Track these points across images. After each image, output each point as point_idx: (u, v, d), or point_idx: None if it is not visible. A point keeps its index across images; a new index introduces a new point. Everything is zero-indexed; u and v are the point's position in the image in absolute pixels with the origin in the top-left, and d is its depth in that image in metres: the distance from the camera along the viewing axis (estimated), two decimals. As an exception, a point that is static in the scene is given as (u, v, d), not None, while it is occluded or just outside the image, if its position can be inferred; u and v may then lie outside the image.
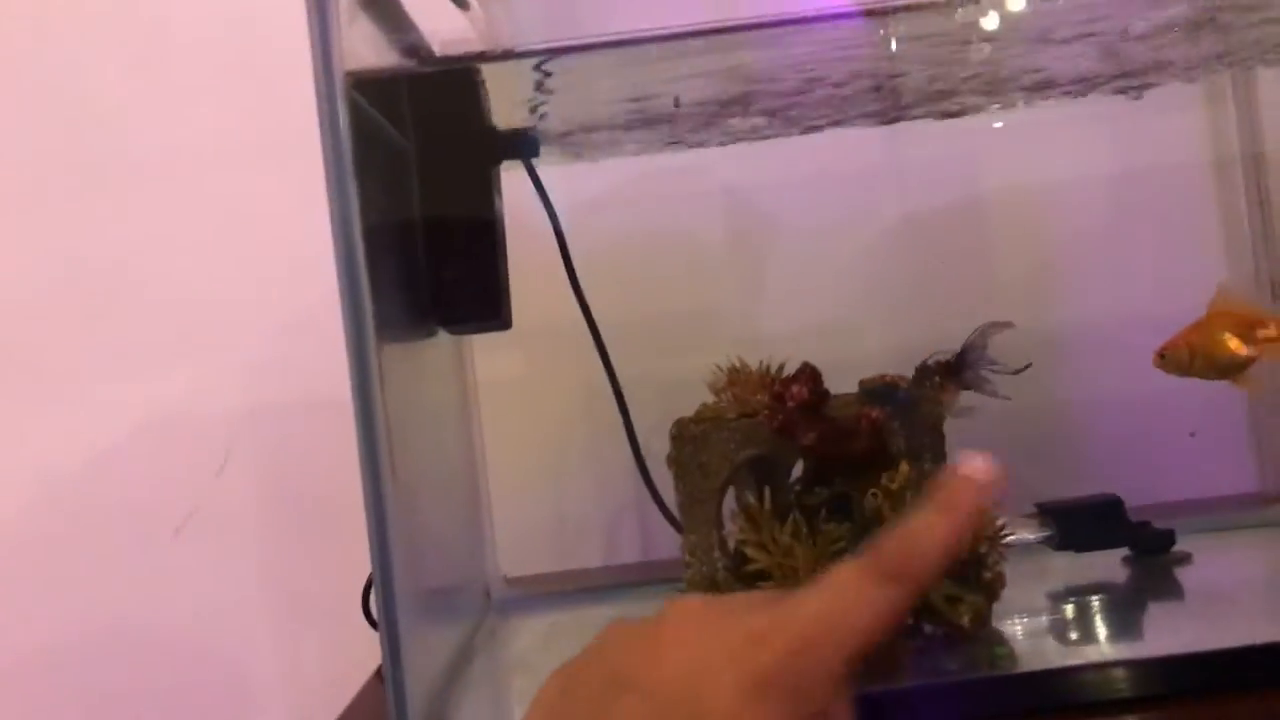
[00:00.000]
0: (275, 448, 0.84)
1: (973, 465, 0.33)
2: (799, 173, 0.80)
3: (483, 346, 0.72)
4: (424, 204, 0.58)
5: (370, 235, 0.47)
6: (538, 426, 0.77)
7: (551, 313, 0.66)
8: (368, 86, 0.49)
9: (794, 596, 0.32)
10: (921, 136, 0.77)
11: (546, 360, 0.77)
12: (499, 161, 0.62)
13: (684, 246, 0.81)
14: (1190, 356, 0.53)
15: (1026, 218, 0.81)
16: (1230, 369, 0.52)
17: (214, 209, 0.82)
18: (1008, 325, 0.50)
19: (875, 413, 0.49)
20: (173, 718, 0.80)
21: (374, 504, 0.43)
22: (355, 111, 0.46)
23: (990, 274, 0.82)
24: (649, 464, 0.67)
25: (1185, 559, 0.61)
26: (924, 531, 0.32)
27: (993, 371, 0.50)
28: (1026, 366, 0.49)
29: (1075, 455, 0.78)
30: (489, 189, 0.61)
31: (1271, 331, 0.52)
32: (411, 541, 0.48)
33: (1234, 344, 0.53)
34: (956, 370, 0.50)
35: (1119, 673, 0.46)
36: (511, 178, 0.64)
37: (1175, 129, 0.78)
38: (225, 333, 0.83)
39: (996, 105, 0.71)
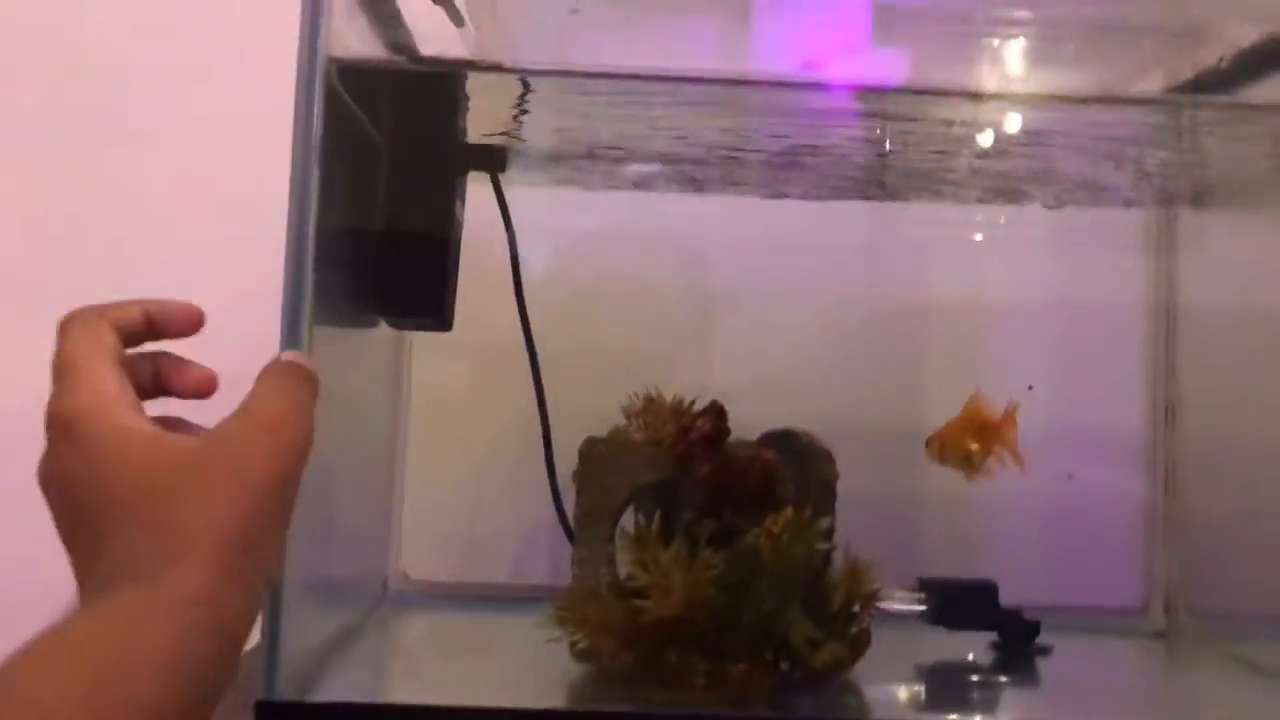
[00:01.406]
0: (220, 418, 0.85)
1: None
2: (762, 235, 0.83)
3: (424, 348, 0.74)
4: (387, 199, 0.61)
5: (328, 219, 0.50)
6: (466, 436, 0.78)
7: (502, 328, 0.69)
8: (351, 77, 0.52)
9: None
10: (891, 220, 0.82)
11: (486, 373, 0.79)
12: (466, 171, 0.65)
13: (642, 288, 0.84)
14: (941, 449, 0.61)
15: (966, 317, 0.85)
16: (968, 464, 0.60)
17: (193, 179, 0.84)
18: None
19: (768, 455, 0.52)
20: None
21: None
22: (334, 99, 0.49)
23: (922, 364, 0.86)
24: (564, 489, 0.69)
25: (1047, 650, 0.64)
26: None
27: None
28: None
29: (972, 545, 0.81)
30: (451, 194, 0.64)
31: (998, 437, 0.61)
32: (309, 517, 0.49)
33: (972, 444, 0.60)
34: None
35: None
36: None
37: (1116, 260, 0.82)
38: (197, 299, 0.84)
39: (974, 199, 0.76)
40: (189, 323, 0.43)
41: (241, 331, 0.50)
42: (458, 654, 0.62)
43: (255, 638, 0.50)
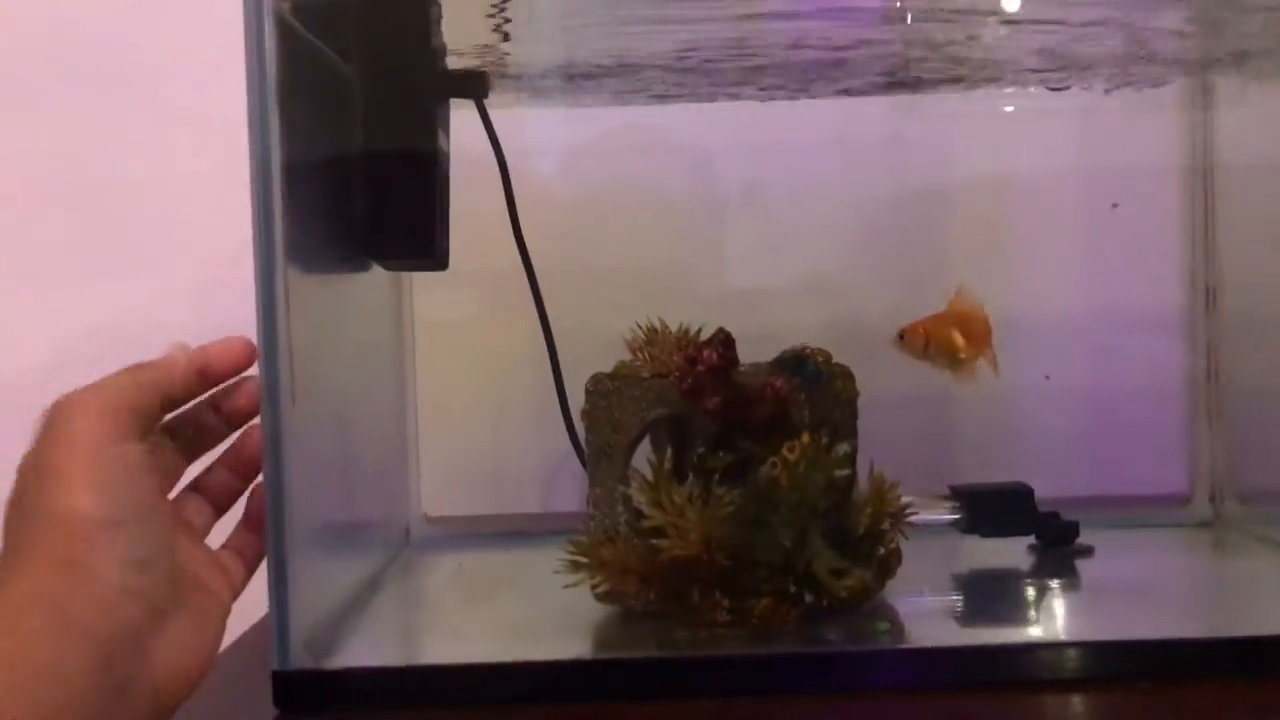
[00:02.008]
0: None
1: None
2: (766, 138, 0.79)
3: (424, 286, 0.72)
4: (364, 136, 0.58)
5: (302, 163, 0.47)
6: (475, 371, 0.77)
7: (501, 257, 0.66)
8: (310, 11, 0.48)
9: None
10: (898, 112, 0.77)
11: (490, 304, 0.77)
12: (446, 98, 0.61)
13: (641, 203, 0.80)
14: (925, 343, 0.57)
15: (987, 204, 0.81)
16: (955, 361, 0.57)
17: (192, 123, 0.81)
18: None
19: (780, 382, 0.50)
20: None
21: (270, 430, 0.44)
22: (289, 34, 0.46)
23: (945, 257, 0.82)
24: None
25: (1087, 552, 0.62)
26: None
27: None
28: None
29: (1005, 443, 0.79)
30: (432, 125, 0.60)
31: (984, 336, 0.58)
32: (315, 471, 0.48)
33: (960, 341, 0.57)
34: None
35: (999, 656, 0.47)
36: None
37: (1147, 131, 0.77)
38: (179, 248, 0.82)
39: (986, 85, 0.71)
40: (240, 357, 0.43)
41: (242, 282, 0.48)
42: (483, 601, 0.61)
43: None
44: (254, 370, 0.44)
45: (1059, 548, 0.62)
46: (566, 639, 0.50)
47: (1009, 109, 0.77)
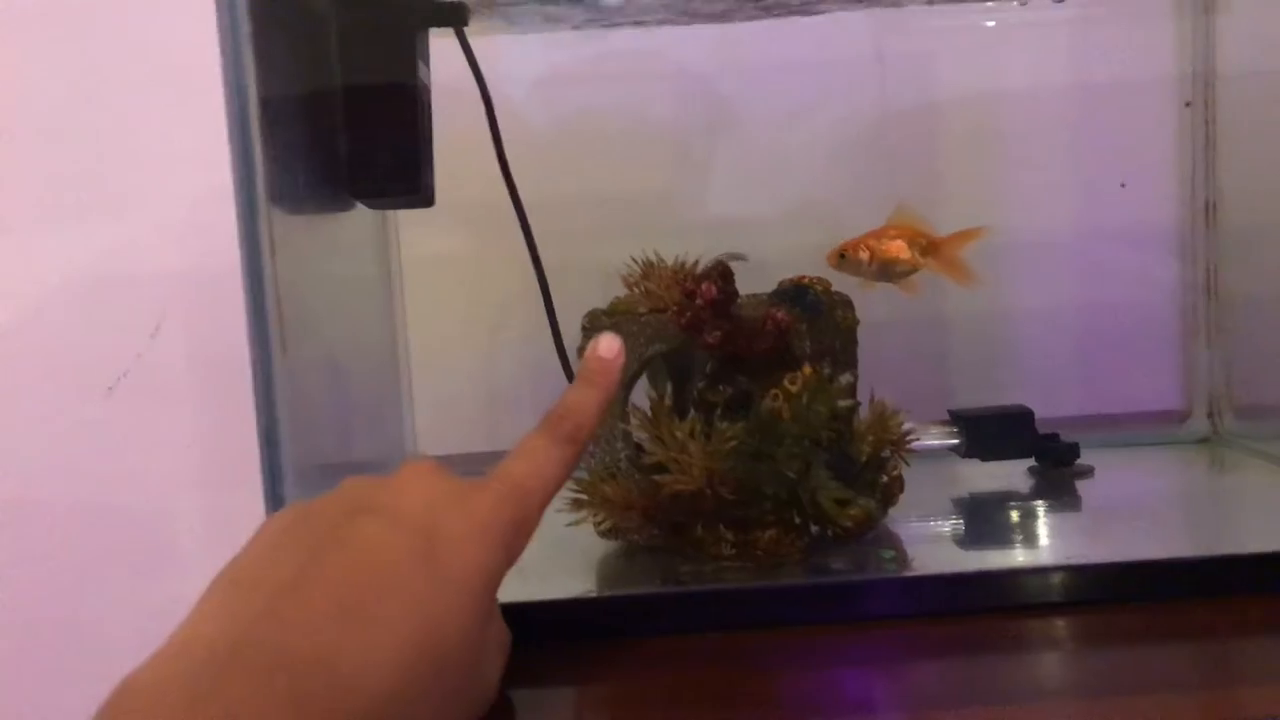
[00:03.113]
0: (211, 311, 0.82)
1: (603, 345, 0.43)
2: (753, 59, 0.77)
3: (410, 224, 0.70)
4: (342, 71, 0.56)
5: (279, 99, 0.45)
6: (467, 308, 0.76)
7: (488, 191, 0.65)
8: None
9: (502, 463, 0.39)
10: (882, 30, 0.75)
11: (479, 239, 0.76)
12: (425, 28, 0.59)
13: (630, 130, 0.78)
14: (869, 259, 0.57)
15: (978, 121, 0.79)
16: (899, 275, 0.57)
17: (162, 58, 0.78)
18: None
19: (780, 314, 0.49)
20: (94, 582, 0.81)
21: (262, 378, 0.43)
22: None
23: (942, 174, 0.80)
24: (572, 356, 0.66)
25: (1087, 473, 0.62)
26: (578, 403, 0.41)
27: None
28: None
29: (1003, 365, 0.78)
30: (411, 57, 0.58)
31: (935, 252, 0.57)
32: (309, 414, 0.47)
33: (906, 253, 0.57)
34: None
35: (1004, 581, 0.47)
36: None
37: (1140, 42, 0.75)
38: (165, 190, 0.80)
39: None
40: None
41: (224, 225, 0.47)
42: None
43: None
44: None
45: (1059, 469, 0.62)
46: (570, 577, 0.50)
47: (990, 24, 0.75)
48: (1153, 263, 0.75)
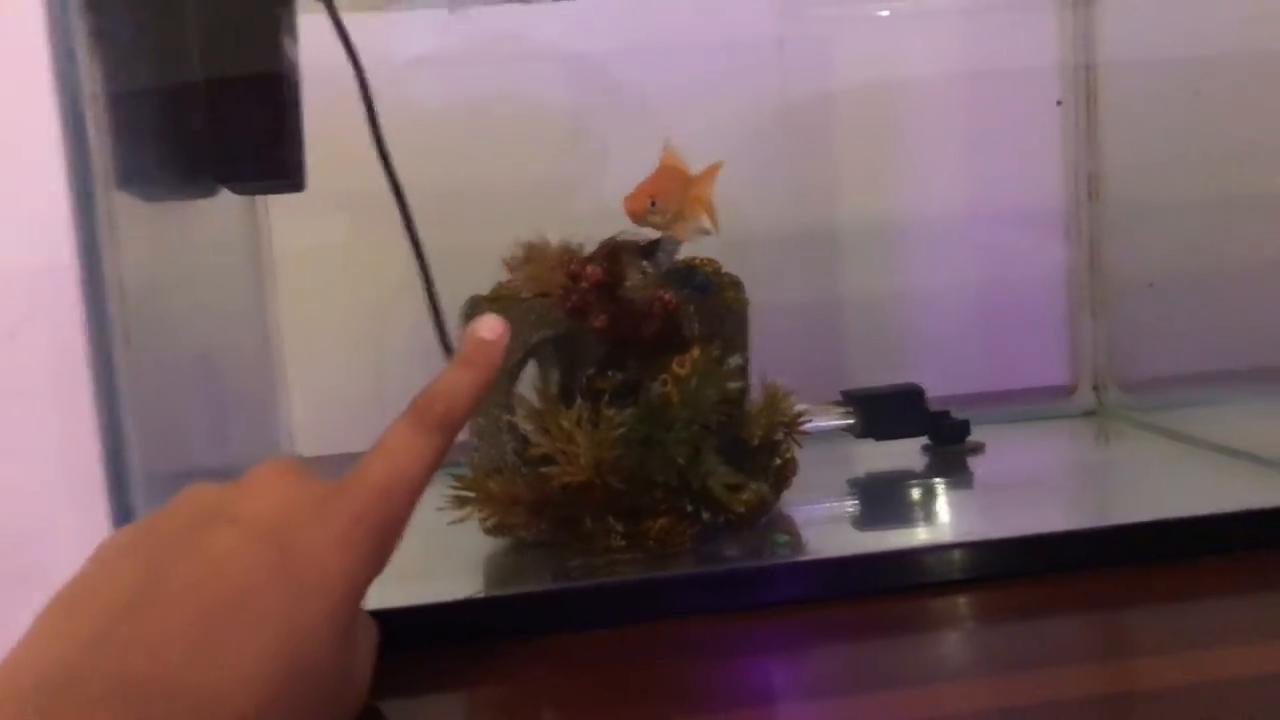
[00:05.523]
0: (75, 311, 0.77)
1: (483, 325, 0.39)
2: (642, 40, 0.75)
3: (282, 212, 0.66)
4: (200, 47, 0.52)
5: (124, 76, 0.42)
6: (346, 300, 0.72)
7: (368, 177, 0.61)
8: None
9: (361, 460, 0.36)
10: (782, 15, 0.74)
11: (362, 228, 0.72)
12: (288, 1, 0.56)
13: (515, 115, 0.76)
14: (651, 203, 0.52)
15: (871, 108, 0.79)
16: (675, 217, 0.53)
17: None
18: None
19: (667, 295, 0.47)
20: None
21: (102, 374, 0.39)
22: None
23: (834, 158, 0.80)
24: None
25: (978, 449, 0.62)
26: (451, 386, 0.37)
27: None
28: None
29: (895, 346, 0.79)
30: (275, 31, 0.54)
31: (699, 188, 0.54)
32: (166, 416, 0.44)
33: (672, 200, 0.52)
34: (647, 254, 0.49)
35: (899, 561, 0.46)
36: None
37: (1025, 31, 0.76)
38: (24, 187, 0.74)
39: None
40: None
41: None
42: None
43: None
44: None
45: (951, 446, 0.62)
46: (454, 578, 0.48)
47: (884, 13, 0.75)
48: (1040, 243, 0.76)
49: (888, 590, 0.45)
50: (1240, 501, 0.47)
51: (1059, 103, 0.73)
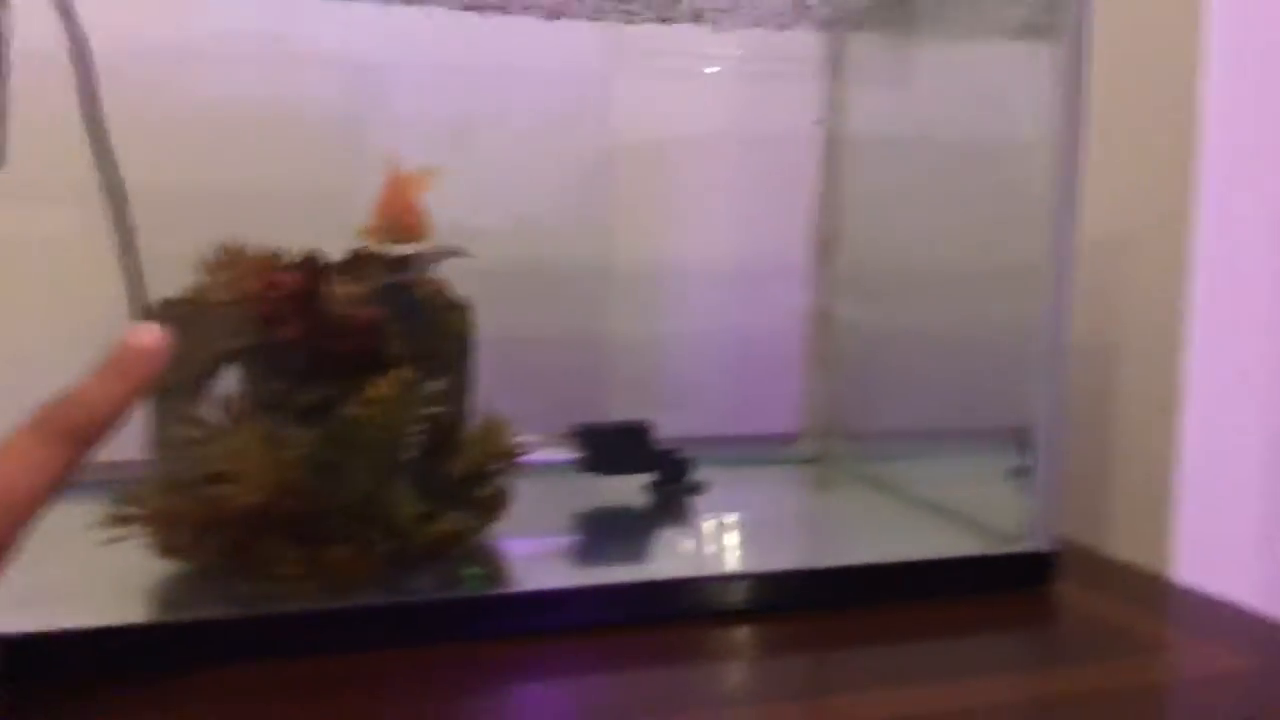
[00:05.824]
0: None
1: (141, 336, 0.35)
2: (410, 51, 0.73)
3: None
4: None
5: None
6: (44, 300, 0.66)
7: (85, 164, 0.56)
8: None
9: None
10: (571, 42, 0.74)
11: (70, 223, 0.66)
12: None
13: (280, 111, 0.72)
14: (391, 228, 0.52)
15: (653, 151, 0.81)
16: (404, 234, 0.52)
17: None
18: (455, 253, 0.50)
19: (367, 312, 0.45)
20: None
21: None
22: None
23: (604, 200, 0.81)
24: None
25: (700, 488, 0.63)
26: (93, 396, 0.34)
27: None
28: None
29: (650, 385, 0.80)
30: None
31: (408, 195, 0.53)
32: None
33: (408, 217, 0.51)
34: (394, 268, 0.49)
35: (589, 598, 0.46)
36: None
37: (784, 97, 0.80)
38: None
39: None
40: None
41: None
42: (23, 565, 0.52)
43: None
44: None
45: (674, 484, 0.63)
46: (112, 604, 0.43)
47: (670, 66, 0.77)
48: (782, 296, 0.80)
49: (581, 625, 0.44)
50: (905, 553, 0.50)
51: (817, 121, 0.76)
